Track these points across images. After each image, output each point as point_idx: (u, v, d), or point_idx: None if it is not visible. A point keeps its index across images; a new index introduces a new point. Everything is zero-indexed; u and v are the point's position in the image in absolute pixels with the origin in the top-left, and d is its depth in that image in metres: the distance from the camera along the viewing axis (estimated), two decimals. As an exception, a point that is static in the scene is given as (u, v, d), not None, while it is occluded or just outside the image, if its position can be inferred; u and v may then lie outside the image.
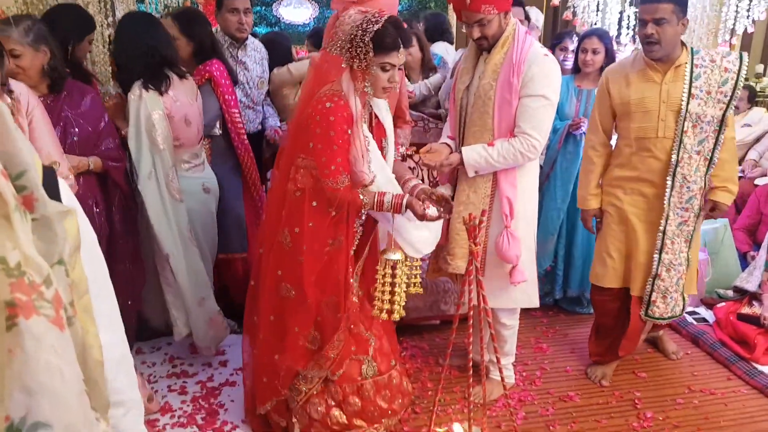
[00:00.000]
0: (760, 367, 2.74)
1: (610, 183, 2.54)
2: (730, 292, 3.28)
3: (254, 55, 3.27)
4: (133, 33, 2.47)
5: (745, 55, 2.34)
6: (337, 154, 1.88)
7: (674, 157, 2.33)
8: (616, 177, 2.51)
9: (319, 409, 2.09)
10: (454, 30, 4.71)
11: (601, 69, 3.16)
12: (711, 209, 2.46)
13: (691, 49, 2.34)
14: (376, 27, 1.82)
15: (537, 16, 3.74)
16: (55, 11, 2.59)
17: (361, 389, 2.10)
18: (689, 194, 2.37)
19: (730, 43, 4.16)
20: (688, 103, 2.28)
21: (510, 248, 2.27)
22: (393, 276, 1.96)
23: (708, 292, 3.41)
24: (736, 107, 4.54)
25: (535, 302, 2.46)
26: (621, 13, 4.30)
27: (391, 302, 1.96)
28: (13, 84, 1.88)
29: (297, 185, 1.99)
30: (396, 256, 1.96)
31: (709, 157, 2.35)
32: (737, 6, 3.90)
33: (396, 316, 1.98)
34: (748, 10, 3.89)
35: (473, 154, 2.23)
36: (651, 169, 2.40)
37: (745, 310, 3.04)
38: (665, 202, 2.38)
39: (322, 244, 1.97)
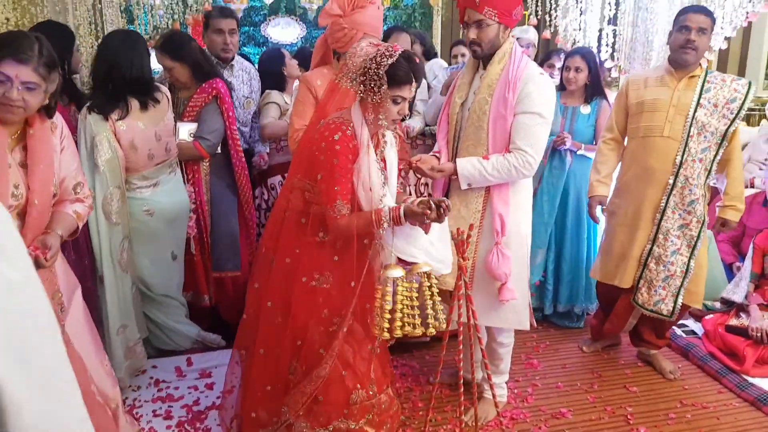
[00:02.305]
0: (750, 379, 2.74)
1: (619, 185, 2.77)
2: (718, 304, 3.29)
3: (241, 75, 3.28)
4: (102, 54, 2.48)
5: (753, 83, 2.60)
6: (338, 182, 1.85)
7: (679, 158, 2.55)
8: (624, 179, 2.73)
9: (304, 429, 2.04)
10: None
11: (585, 87, 3.22)
12: (722, 225, 2.70)
13: (706, 69, 2.62)
14: (390, 60, 1.82)
15: (532, 35, 3.82)
16: (39, 29, 2.56)
17: (347, 415, 2.04)
18: (691, 197, 2.56)
19: (707, 60, 4.23)
20: (695, 111, 2.52)
21: (499, 265, 2.24)
22: (394, 293, 1.90)
23: (696, 304, 3.43)
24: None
25: (525, 324, 2.38)
26: (600, 31, 4.37)
27: (391, 321, 1.89)
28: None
29: (289, 205, 1.98)
30: (397, 273, 1.90)
31: (708, 168, 2.56)
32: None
33: (399, 333, 1.89)
34: (722, 28, 3.97)
35: (468, 165, 2.22)
36: (654, 169, 2.59)
37: (733, 321, 3.05)
38: (664, 198, 2.59)
39: (308, 275, 1.95)
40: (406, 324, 1.91)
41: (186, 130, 2.82)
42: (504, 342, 2.46)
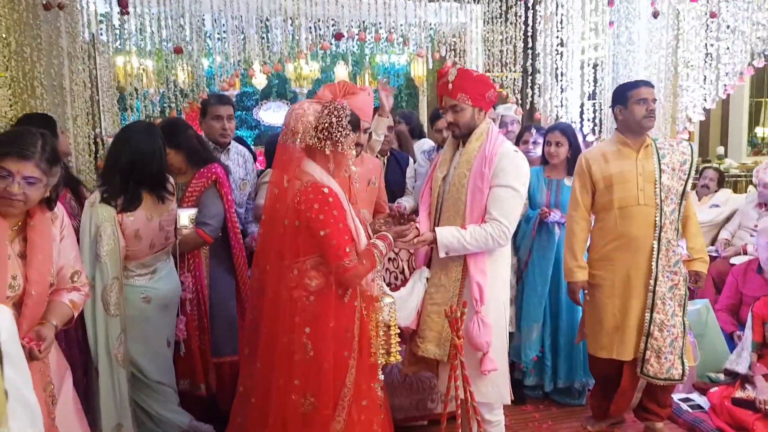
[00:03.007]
0: (762, 455, 2.64)
1: (599, 258, 2.75)
2: (722, 376, 3.20)
3: (237, 159, 3.35)
4: (126, 148, 2.49)
5: (694, 144, 2.74)
6: (344, 231, 1.94)
7: (658, 221, 2.62)
8: (604, 251, 2.72)
9: None
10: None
11: (567, 160, 3.30)
12: (695, 281, 2.73)
13: (653, 138, 2.74)
14: (347, 111, 1.98)
15: (515, 114, 3.98)
16: (24, 122, 2.63)
17: None
18: (675, 257, 2.64)
19: (689, 131, 4.37)
20: (660, 176, 2.63)
21: (481, 334, 2.23)
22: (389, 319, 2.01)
23: (699, 376, 3.33)
24: (707, 186, 4.81)
25: (506, 398, 2.34)
26: (581, 106, 4.55)
27: (389, 344, 2.01)
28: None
29: (309, 290, 1.94)
30: (389, 299, 2.05)
31: (677, 228, 2.67)
32: (692, 97, 4.15)
33: (397, 357, 2.03)
34: (704, 99, 4.13)
35: (447, 234, 2.28)
36: (636, 236, 2.64)
37: (739, 393, 2.95)
38: (653, 263, 2.62)
39: (344, 340, 1.95)
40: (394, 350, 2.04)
41: (186, 216, 2.81)
42: (492, 420, 2.36)
